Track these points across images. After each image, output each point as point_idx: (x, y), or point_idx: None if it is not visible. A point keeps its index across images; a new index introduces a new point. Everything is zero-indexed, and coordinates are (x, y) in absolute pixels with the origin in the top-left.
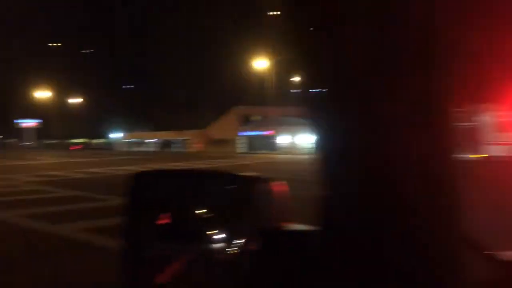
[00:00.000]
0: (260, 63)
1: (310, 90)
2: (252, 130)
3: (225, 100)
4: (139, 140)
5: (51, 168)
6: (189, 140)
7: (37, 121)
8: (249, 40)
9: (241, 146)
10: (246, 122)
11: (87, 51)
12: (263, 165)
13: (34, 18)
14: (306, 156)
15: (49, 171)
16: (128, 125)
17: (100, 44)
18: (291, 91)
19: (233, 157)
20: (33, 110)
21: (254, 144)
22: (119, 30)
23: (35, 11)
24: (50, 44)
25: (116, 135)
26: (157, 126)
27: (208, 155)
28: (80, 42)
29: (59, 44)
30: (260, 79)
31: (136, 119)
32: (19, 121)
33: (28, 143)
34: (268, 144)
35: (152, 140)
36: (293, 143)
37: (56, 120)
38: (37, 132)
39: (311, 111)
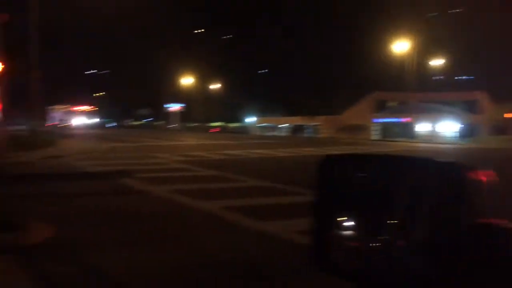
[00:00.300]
0: (400, 46)
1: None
2: (388, 116)
3: (361, 85)
4: (271, 124)
5: (194, 149)
6: (321, 126)
7: (181, 105)
8: (389, 21)
9: (375, 133)
10: (382, 108)
11: (227, 37)
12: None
13: (179, 7)
14: (452, 146)
15: (192, 151)
16: (261, 110)
17: (238, 30)
18: (434, 77)
19: (368, 144)
20: (178, 95)
21: (390, 131)
22: (257, 16)
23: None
24: (195, 31)
25: (250, 120)
26: (289, 111)
27: (341, 141)
28: (220, 29)
29: (202, 31)
30: (399, 63)
31: (269, 104)
32: (167, 105)
33: (172, 125)
34: (405, 131)
35: (284, 125)
36: (433, 131)
37: (197, 104)
38: (181, 115)
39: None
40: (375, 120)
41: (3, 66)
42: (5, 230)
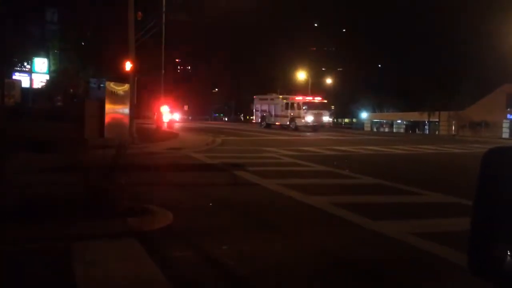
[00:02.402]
0: None
1: None
2: None
3: (490, 77)
4: (386, 120)
5: (306, 144)
6: (441, 122)
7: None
8: None
9: (506, 131)
10: None
11: (343, 30)
12: None
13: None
14: None
15: (303, 146)
16: (376, 105)
17: (355, 23)
18: None
19: (499, 144)
20: (292, 89)
21: None
22: (374, 9)
23: None
24: (315, 24)
25: (364, 115)
26: (406, 106)
27: (464, 139)
28: (336, 21)
29: (315, 25)
30: None
31: (385, 98)
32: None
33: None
34: None
35: (399, 121)
36: None
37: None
38: None
39: None
40: (510, 116)
41: (132, 64)
42: (130, 215)
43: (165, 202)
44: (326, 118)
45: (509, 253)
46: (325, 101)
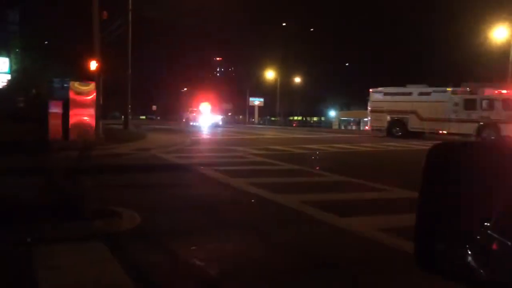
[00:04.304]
0: (498, 33)
1: None
2: None
3: (450, 75)
4: (353, 118)
5: (274, 143)
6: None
7: (261, 100)
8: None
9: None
10: None
11: (311, 30)
12: None
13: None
14: None
15: (272, 145)
16: (344, 104)
17: (320, 24)
18: None
19: (459, 140)
20: (259, 89)
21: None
22: (340, 7)
23: None
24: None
25: (332, 113)
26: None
27: (426, 136)
28: (304, 21)
29: (284, 25)
30: (497, 51)
31: (352, 97)
32: (252, 99)
33: (253, 120)
34: None
35: (366, 119)
36: None
37: (277, 99)
38: (260, 109)
39: None
40: None
41: (97, 64)
42: (97, 218)
43: (132, 204)
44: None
45: (450, 248)
46: None
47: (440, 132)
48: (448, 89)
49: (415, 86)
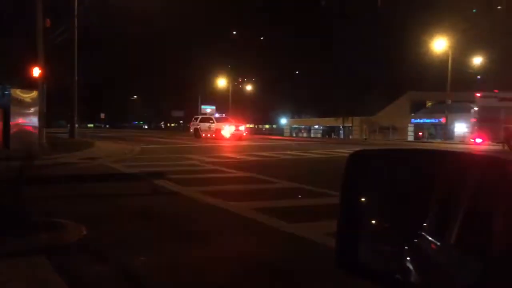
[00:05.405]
0: (438, 44)
1: None
2: (425, 117)
3: (396, 85)
4: (304, 126)
5: (226, 150)
6: (354, 127)
7: (213, 107)
8: (425, 18)
9: (411, 134)
10: (419, 108)
11: (261, 38)
12: None
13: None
14: (493, 147)
15: (224, 153)
16: (295, 111)
17: (272, 31)
18: (478, 76)
19: (404, 146)
20: (211, 97)
21: (427, 132)
22: (287, 18)
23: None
24: (233, 32)
25: (283, 121)
26: (323, 112)
27: (375, 143)
28: (255, 29)
29: (234, 33)
30: (437, 61)
31: (303, 105)
32: (204, 107)
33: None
34: (444, 132)
35: (316, 126)
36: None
37: (229, 106)
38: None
39: None
40: (414, 121)
41: (40, 70)
42: (39, 231)
43: (78, 215)
44: None
45: (366, 251)
46: None
47: None
48: None
49: None
